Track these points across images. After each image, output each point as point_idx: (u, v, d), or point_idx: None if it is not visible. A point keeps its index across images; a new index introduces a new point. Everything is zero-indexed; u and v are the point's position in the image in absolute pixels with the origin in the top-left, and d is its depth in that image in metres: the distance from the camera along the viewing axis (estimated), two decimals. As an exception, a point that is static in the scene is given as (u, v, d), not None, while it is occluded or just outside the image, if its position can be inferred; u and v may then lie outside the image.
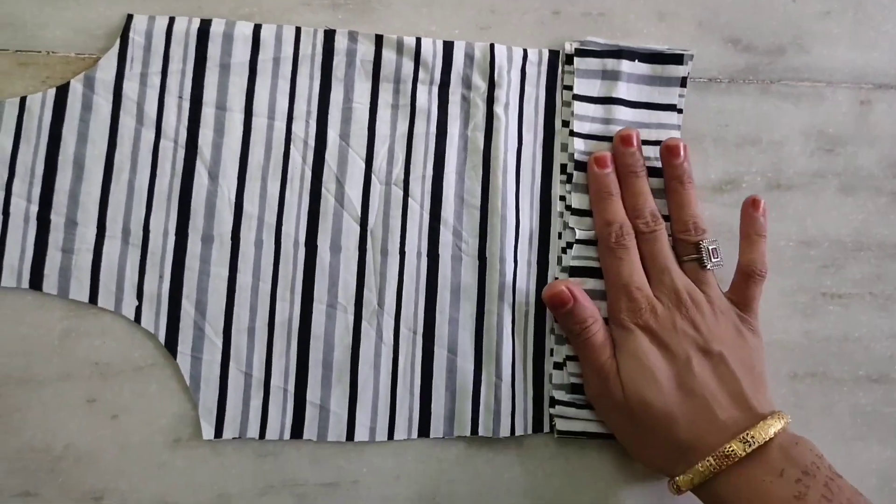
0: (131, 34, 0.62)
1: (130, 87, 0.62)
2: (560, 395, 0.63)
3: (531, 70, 0.67)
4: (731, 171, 0.70)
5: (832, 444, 0.68)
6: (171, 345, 0.60)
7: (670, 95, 0.67)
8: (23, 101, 0.61)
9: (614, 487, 0.65)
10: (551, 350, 0.64)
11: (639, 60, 0.67)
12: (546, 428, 0.64)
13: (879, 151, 0.72)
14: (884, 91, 0.73)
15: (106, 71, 0.62)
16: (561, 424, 0.63)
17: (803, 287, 0.70)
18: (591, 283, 0.64)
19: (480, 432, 0.62)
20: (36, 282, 0.59)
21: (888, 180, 0.72)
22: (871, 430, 0.69)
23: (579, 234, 0.65)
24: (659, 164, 0.66)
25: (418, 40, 0.65)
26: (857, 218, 0.71)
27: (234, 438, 0.60)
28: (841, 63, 0.73)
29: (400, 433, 0.62)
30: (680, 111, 0.68)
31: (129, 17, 0.63)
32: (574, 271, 0.64)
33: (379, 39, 0.65)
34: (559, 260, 0.65)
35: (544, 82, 0.67)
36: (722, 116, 0.71)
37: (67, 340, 0.60)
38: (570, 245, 0.65)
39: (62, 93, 0.61)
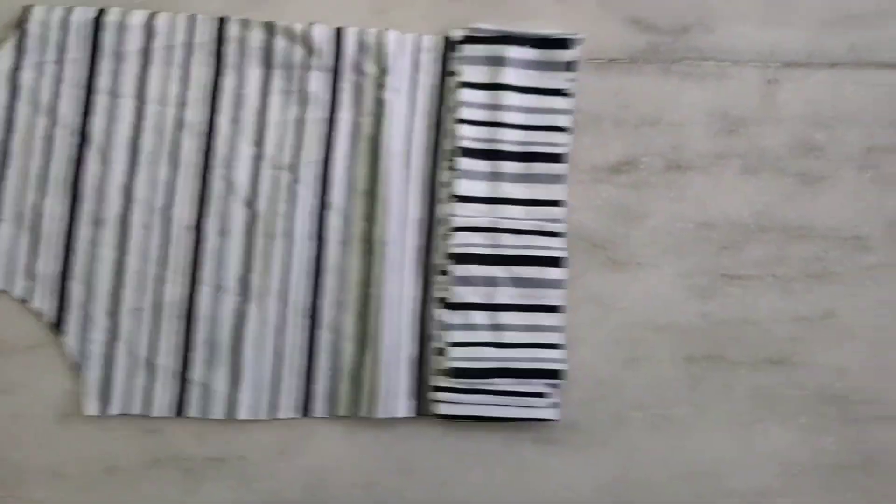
0: (29, 24, 0.65)
1: (27, 76, 0.64)
2: (441, 380, 0.64)
3: (424, 57, 0.68)
4: (629, 151, 0.70)
5: (731, 429, 0.68)
6: (60, 324, 0.63)
7: (558, 80, 0.67)
8: (-79, 91, 0.63)
9: (501, 468, 0.66)
10: (434, 336, 0.65)
11: (526, 45, 0.67)
12: (428, 411, 0.65)
13: (786, 132, 0.71)
14: (793, 69, 0.72)
15: (3, 60, 0.64)
16: (443, 409, 0.64)
17: (702, 268, 0.70)
18: (474, 270, 0.65)
19: (360, 413, 0.64)
20: (-68, 263, 0.62)
21: (794, 161, 0.71)
22: (772, 412, 0.69)
23: (460, 221, 0.65)
24: (546, 150, 0.67)
25: (309, 26, 0.66)
26: (759, 200, 0.71)
27: (120, 415, 0.62)
28: (749, 41, 0.72)
29: (282, 412, 0.64)
30: (569, 95, 0.68)
31: (27, 8, 0.65)
32: (457, 258, 0.65)
33: (270, 26, 0.66)
34: (442, 246, 0.66)
35: (437, 69, 0.68)
36: (622, 97, 0.71)
37: (-38, 319, 0.63)
38: (452, 231, 0.65)
39: (-40, 83, 0.64)
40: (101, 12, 0.65)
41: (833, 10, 0.73)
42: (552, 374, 0.65)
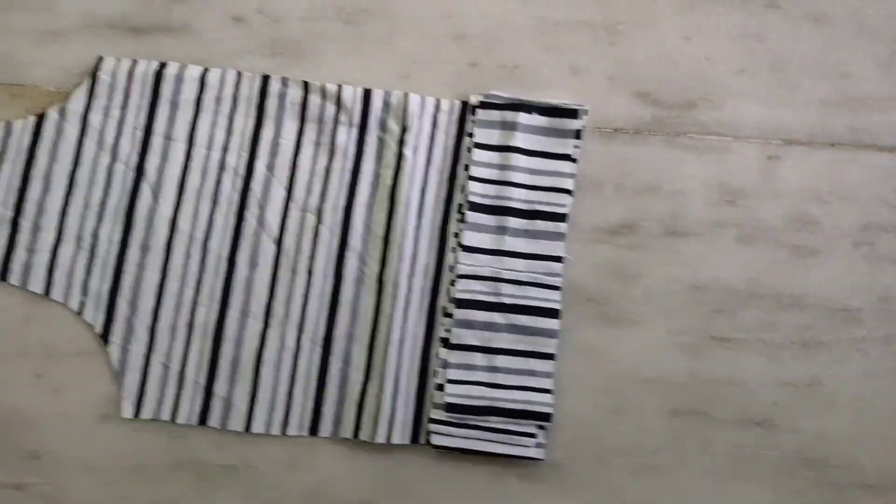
0: (100, 73, 0.76)
1: (95, 118, 0.75)
2: (438, 413, 0.72)
3: (442, 118, 0.76)
4: (628, 216, 0.77)
5: (707, 482, 0.73)
6: (106, 336, 0.73)
7: (565, 146, 0.75)
8: (8, 125, 0.75)
9: (487, 499, 0.73)
10: (435, 372, 0.73)
11: (536, 113, 0.75)
12: (423, 440, 0.72)
13: (784, 205, 0.77)
14: (794, 147, 0.77)
15: (77, 103, 0.75)
16: (436, 439, 0.72)
17: (692, 329, 0.75)
18: (476, 315, 0.72)
19: (361, 437, 0.72)
20: (4, 274, 0.73)
21: (789, 234, 0.76)
22: (749, 471, 0.74)
23: (464, 269, 0.73)
24: (549, 209, 0.73)
25: (340, 87, 0.75)
26: (753, 268, 0.76)
27: (150, 420, 0.72)
28: (751, 118, 0.78)
29: (292, 429, 0.72)
30: (574, 160, 0.75)
31: (100, 59, 0.76)
32: (460, 303, 0.72)
33: (306, 85, 0.76)
34: (449, 291, 0.74)
35: (454, 130, 0.76)
36: (624, 165, 0.77)
37: (25, 324, 0.73)
38: (458, 278, 0.73)
39: (40, 120, 0.75)
40: (163, 65, 0.76)
41: (836, 92, 0.78)
42: (541, 416, 0.71)
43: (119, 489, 0.72)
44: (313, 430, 0.73)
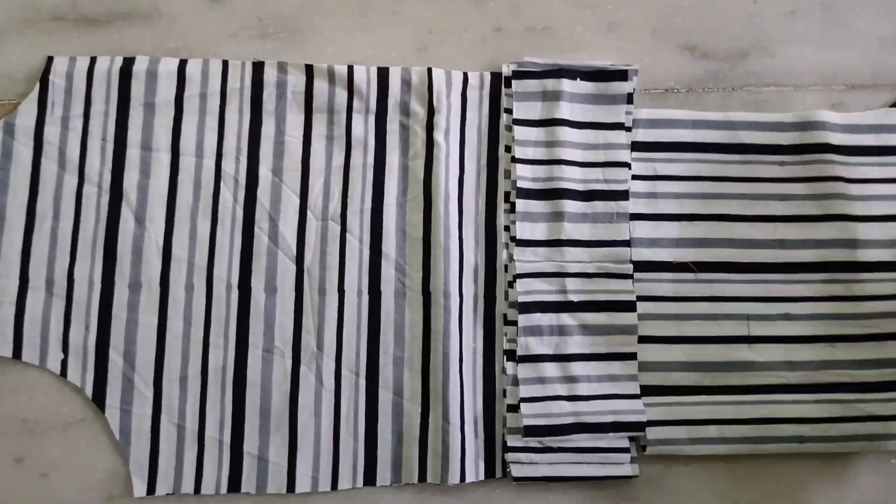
0: (51, 77, 0.64)
1: (52, 132, 0.63)
2: (514, 440, 0.63)
3: (472, 94, 0.67)
4: (693, 186, 0.69)
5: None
6: (100, 398, 0.61)
7: (617, 113, 0.67)
8: (-63, 152, 0.62)
9: (579, 530, 0.64)
10: (504, 391, 0.64)
11: (581, 79, 0.67)
12: (499, 473, 0.63)
13: (855, 157, 0.71)
14: (858, 91, 0.72)
15: (26, 116, 0.63)
16: (517, 470, 0.63)
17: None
18: (541, 319, 0.64)
19: (429, 479, 0.63)
20: (-42, 339, 0.60)
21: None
22: None
23: (522, 267, 0.64)
24: (608, 187, 0.66)
25: (350, 68, 0.66)
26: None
27: (167, 495, 0.60)
28: (809, 65, 0.73)
29: (344, 482, 0.62)
30: (629, 129, 0.67)
31: (50, 60, 0.64)
32: (523, 307, 0.64)
33: (309, 69, 0.66)
34: (506, 294, 0.65)
35: (486, 107, 0.67)
36: (681, 128, 0.70)
37: (-7, 398, 0.61)
38: (516, 278, 0.64)
39: (-21, 141, 0.62)
40: (129, 61, 0.64)
41: (893, 27, 0.73)
42: (633, 427, 0.64)
43: (142, 587, 0.61)
44: (369, 479, 0.63)
